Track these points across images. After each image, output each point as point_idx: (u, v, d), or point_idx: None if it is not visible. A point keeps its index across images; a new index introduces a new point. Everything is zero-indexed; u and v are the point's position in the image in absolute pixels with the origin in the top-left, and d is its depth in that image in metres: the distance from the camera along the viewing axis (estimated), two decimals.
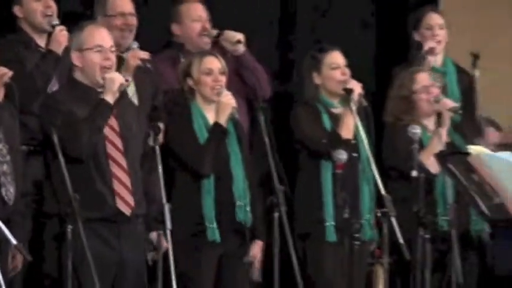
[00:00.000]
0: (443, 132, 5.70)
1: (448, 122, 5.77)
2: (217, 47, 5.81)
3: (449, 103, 5.78)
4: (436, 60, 6.12)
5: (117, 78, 4.70)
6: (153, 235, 4.83)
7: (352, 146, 5.49)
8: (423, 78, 5.85)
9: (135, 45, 5.34)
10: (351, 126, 5.52)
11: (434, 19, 6.18)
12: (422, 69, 6.02)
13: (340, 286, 5.41)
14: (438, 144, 5.61)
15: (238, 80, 5.87)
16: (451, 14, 6.54)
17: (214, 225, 5.00)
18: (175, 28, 5.80)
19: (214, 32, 5.80)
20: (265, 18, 6.97)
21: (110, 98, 4.57)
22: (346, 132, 5.47)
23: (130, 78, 5.02)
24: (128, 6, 5.59)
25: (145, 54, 5.34)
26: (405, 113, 5.83)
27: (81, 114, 4.56)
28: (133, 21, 5.55)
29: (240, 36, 5.78)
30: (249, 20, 6.67)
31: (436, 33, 6.13)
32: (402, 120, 5.76)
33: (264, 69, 5.95)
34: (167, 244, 4.81)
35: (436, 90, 5.84)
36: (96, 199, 4.51)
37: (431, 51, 6.09)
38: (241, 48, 5.78)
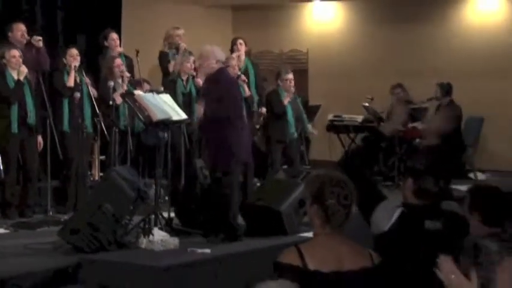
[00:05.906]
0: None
1: (126, 80, 8.84)
2: (31, 43, 8.81)
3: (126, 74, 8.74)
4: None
5: None
6: None
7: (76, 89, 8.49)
8: (118, 61, 8.91)
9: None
10: (72, 79, 8.49)
11: (113, 36, 9.34)
12: (116, 56, 9.08)
13: (76, 155, 8.52)
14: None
15: (36, 60, 8.77)
16: (129, 26, 10.09)
17: (16, 125, 8.19)
18: (9, 34, 8.82)
19: (28, 37, 8.72)
20: None
21: None
22: (70, 83, 8.59)
23: None
24: None
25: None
26: (110, 75, 8.91)
27: None
28: None
29: (40, 38, 8.79)
30: None
31: (116, 44, 9.30)
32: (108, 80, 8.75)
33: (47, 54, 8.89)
34: None
35: (122, 67, 8.83)
36: None
37: (118, 54, 9.11)
38: (41, 45, 8.85)
